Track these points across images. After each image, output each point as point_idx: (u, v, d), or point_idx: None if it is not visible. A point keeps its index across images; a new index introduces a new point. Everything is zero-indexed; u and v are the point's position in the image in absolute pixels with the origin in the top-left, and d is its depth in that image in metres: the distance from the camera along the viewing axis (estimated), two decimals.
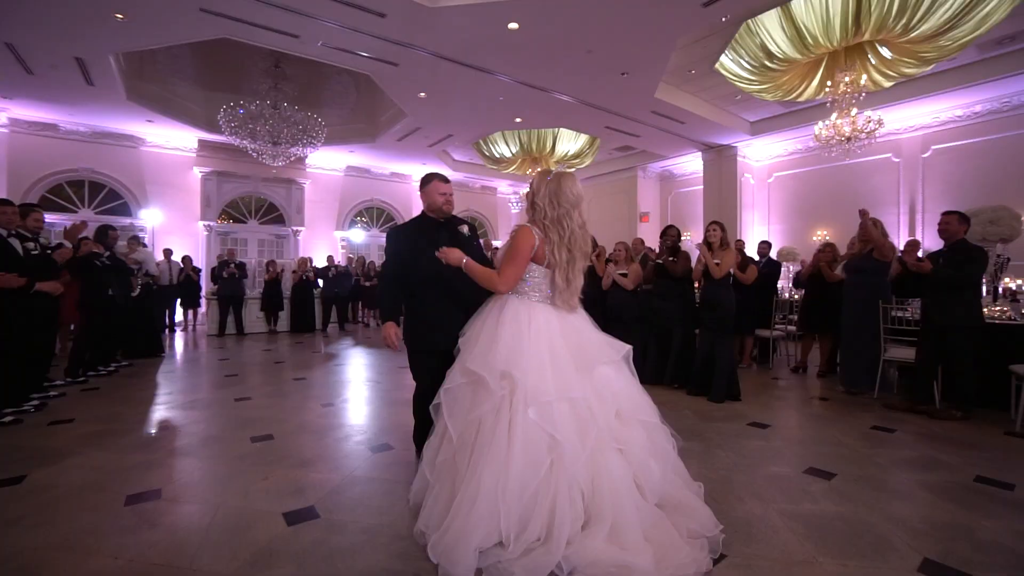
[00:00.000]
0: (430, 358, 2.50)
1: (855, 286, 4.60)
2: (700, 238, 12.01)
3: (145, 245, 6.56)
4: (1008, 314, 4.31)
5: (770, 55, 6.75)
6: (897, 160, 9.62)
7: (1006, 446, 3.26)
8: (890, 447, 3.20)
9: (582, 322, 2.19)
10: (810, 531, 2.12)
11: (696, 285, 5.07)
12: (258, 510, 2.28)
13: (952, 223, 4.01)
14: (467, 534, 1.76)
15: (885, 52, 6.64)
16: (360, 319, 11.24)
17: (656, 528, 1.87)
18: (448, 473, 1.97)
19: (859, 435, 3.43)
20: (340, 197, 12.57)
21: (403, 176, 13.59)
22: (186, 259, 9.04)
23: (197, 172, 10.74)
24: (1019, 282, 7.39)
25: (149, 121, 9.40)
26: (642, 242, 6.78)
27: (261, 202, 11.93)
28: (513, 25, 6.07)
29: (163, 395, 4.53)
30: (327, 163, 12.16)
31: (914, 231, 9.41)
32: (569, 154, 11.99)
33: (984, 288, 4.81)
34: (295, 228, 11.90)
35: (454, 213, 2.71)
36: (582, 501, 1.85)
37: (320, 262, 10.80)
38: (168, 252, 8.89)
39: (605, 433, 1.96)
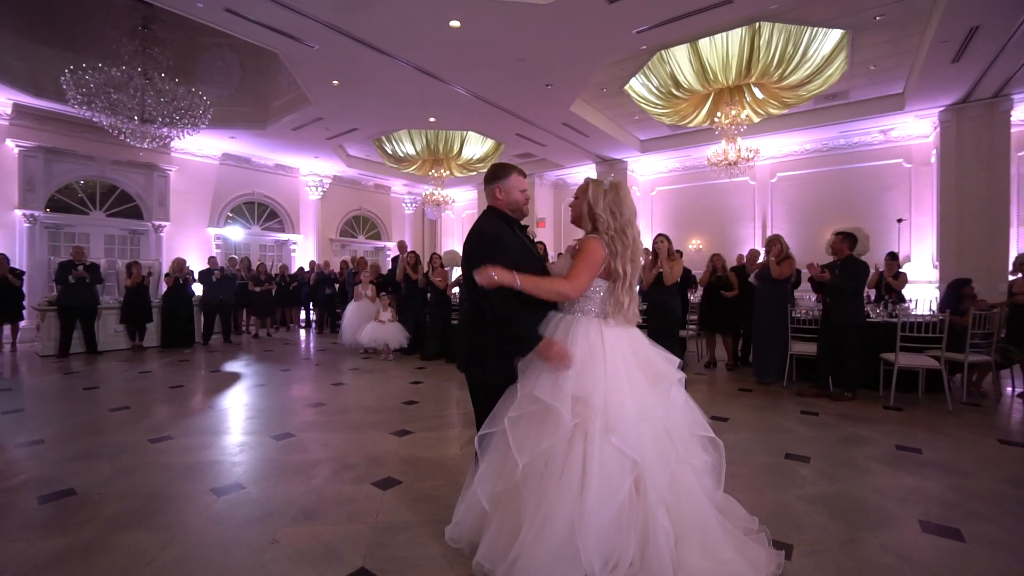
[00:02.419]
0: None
1: (765, 292, 5.41)
2: None
3: None
4: (865, 312, 5.49)
5: (677, 84, 7.58)
6: (753, 183, 11.53)
7: (890, 418, 4.14)
8: (825, 429, 3.84)
9: (642, 336, 2.16)
10: (832, 511, 2.45)
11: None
12: None
13: (837, 242, 4.96)
14: (537, 570, 1.67)
15: (758, 93, 7.93)
16: (245, 329, 9.78)
17: (733, 536, 1.97)
18: (511, 505, 1.84)
19: (797, 420, 4.05)
20: (214, 189, 10.74)
21: (290, 169, 12.17)
22: (1, 259, 6.91)
23: (13, 146, 8.21)
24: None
25: None
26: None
27: (109, 188, 9.62)
28: (455, 23, 5.87)
29: (31, 445, 3.40)
30: (199, 148, 10.30)
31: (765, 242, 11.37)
32: (475, 158, 11.99)
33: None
34: (158, 223, 9.83)
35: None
36: (669, 518, 1.86)
37: (193, 263, 9.13)
38: None
39: (680, 450, 1.99)
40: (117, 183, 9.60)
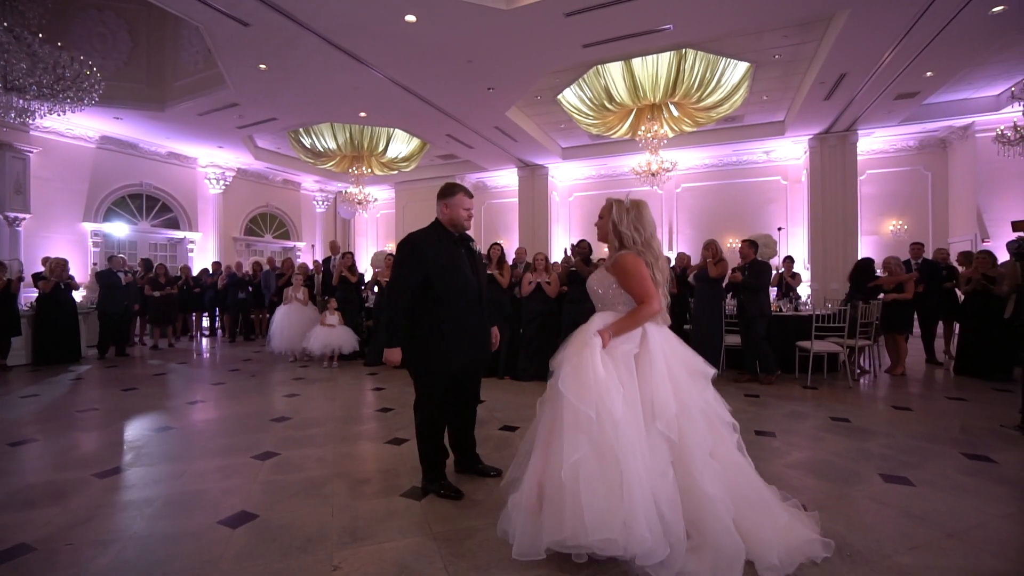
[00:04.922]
0: (444, 379, 2.55)
1: (702, 290, 6.07)
2: (515, 246, 12.93)
3: None
4: (777, 307, 6.44)
5: (611, 98, 8.15)
6: (660, 193, 12.68)
7: (811, 395, 4.93)
8: (770, 408, 4.45)
9: (672, 334, 2.29)
10: (817, 475, 2.90)
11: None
12: None
13: (744, 248, 5.78)
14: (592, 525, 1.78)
15: (675, 112, 8.83)
16: (139, 339, 8.39)
17: (782, 508, 2.22)
18: (597, 463, 1.88)
19: (748, 403, 4.63)
20: (91, 177, 9.01)
21: (186, 159, 10.68)
22: None
23: None
24: None
25: None
26: (525, 251, 7.29)
27: None
28: (411, 17, 5.72)
29: None
30: (69, 127, 8.55)
31: (672, 246, 12.62)
32: (400, 156, 11.64)
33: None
34: (14, 215, 7.96)
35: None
36: (729, 494, 2.04)
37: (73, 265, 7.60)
38: None
39: (724, 433, 2.12)
40: None
